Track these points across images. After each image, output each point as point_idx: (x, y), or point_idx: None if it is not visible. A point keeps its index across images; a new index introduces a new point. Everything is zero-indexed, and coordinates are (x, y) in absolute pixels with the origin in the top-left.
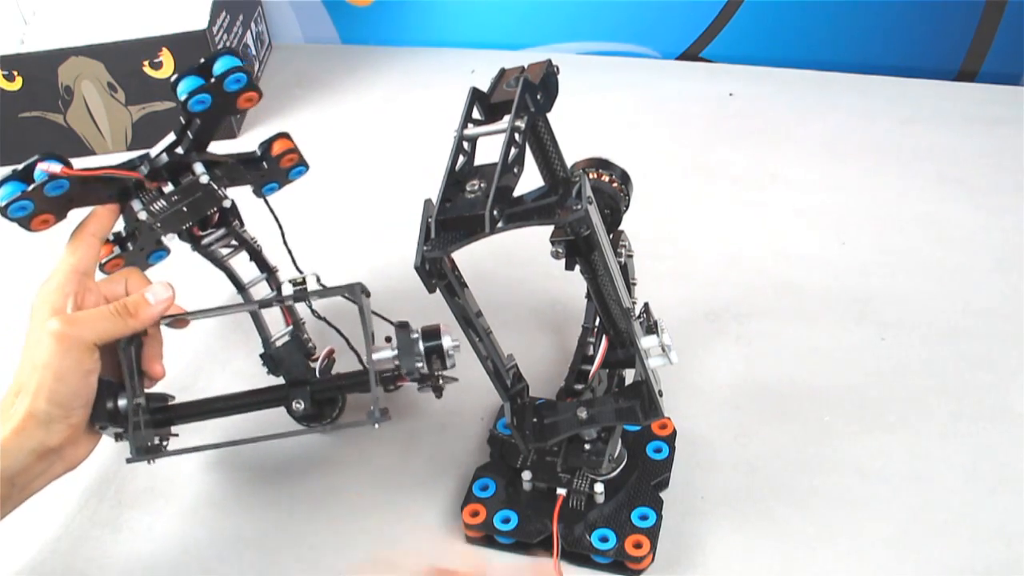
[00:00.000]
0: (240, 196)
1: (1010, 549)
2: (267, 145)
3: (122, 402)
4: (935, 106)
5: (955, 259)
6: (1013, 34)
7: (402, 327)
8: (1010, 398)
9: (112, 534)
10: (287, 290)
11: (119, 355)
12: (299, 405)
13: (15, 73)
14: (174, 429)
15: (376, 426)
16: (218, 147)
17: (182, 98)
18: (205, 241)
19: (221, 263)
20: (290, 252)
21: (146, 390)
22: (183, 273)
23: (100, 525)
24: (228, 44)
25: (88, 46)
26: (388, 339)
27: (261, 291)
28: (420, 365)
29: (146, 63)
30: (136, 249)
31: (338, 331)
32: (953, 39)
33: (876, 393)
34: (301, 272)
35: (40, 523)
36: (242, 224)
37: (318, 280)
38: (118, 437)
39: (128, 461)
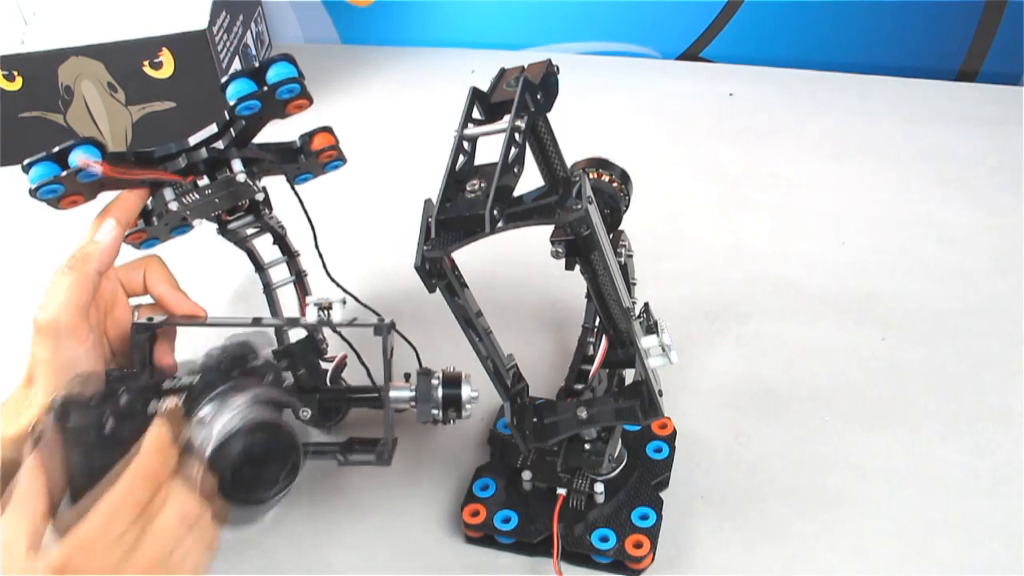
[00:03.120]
0: (269, 180)
1: (1010, 549)
2: (308, 138)
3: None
4: (935, 106)
5: (955, 259)
6: (1013, 34)
7: (424, 374)
8: (1010, 398)
9: None
10: (312, 312)
11: (131, 341)
12: (305, 414)
13: (15, 73)
14: None
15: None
16: None
17: (231, 102)
18: (232, 226)
19: (242, 243)
20: (321, 256)
21: None
22: (201, 250)
23: None
24: (229, 44)
25: (88, 46)
26: (407, 376)
27: (280, 272)
28: (436, 413)
29: (146, 63)
30: (161, 224)
31: (360, 358)
32: (953, 39)
33: (876, 393)
34: (333, 279)
35: None
36: (271, 210)
37: (344, 300)
38: None
39: None
